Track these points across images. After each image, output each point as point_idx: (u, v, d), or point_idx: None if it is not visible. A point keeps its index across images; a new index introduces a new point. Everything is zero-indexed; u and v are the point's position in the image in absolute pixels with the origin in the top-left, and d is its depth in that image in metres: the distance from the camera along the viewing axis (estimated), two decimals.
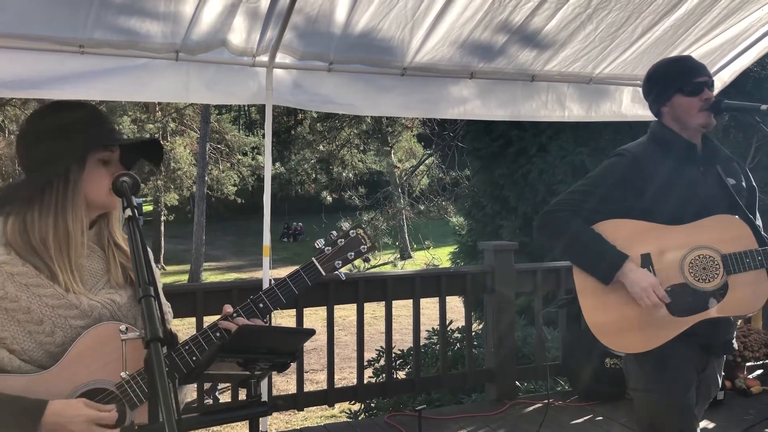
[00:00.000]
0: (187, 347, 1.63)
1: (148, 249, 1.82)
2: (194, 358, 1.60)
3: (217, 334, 1.65)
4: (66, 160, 1.56)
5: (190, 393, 1.89)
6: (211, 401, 9.58)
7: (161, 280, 1.87)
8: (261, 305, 1.72)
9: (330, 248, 1.78)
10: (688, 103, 2.34)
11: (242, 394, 1.69)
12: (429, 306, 4.85)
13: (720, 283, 2.25)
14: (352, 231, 1.80)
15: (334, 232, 1.81)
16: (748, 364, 4.55)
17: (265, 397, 3.56)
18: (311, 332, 1.60)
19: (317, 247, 1.80)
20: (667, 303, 2.24)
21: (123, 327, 1.38)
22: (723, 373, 2.50)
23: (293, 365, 1.62)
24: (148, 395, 1.47)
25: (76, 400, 1.49)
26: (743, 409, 4.13)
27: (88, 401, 1.49)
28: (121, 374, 1.43)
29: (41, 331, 1.52)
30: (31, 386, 1.49)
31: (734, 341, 2.44)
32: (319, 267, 1.76)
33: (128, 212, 1.41)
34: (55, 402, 1.45)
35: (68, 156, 1.56)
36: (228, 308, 1.71)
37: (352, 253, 1.79)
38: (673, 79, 2.38)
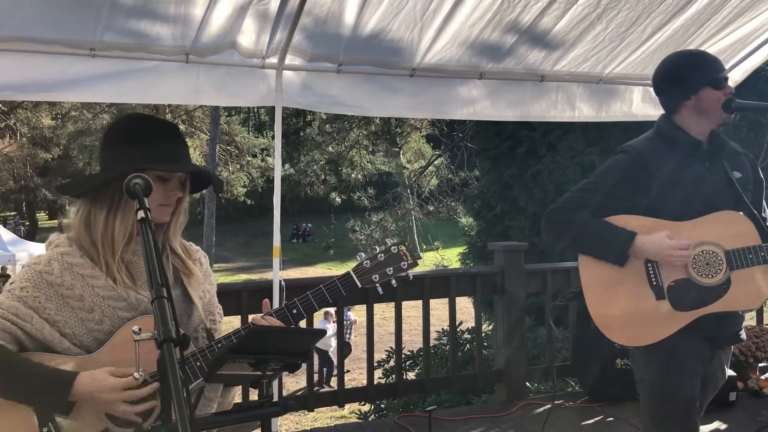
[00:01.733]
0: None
1: (204, 253, 1.93)
2: None
3: None
4: (126, 169, 1.62)
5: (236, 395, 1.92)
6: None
7: (215, 282, 1.95)
8: (295, 311, 1.76)
9: (369, 262, 1.79)
10: (714, 97, 2.31)
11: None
12: (438, 307, 4.84)
13: (723, 278, 2.26)
14: (393, 247, 1.81)
15: (377, 247, 1.82)
16: (760, 364, 4.51)
17: (276, 398, 3.57)
18: (322, 333, 1.61)
19: (358, 259, 1.81)
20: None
21: (136, 328, 1.39)
22: (734, 373, 2.49)
23: (302, 366, 1.63)
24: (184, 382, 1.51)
25: (100, 370, 1.57)
26: (756, 410, 4.09)
27: (113, 369, 1.57)
28: (134, 374, 1.44)
29: (91, 319, 1.64)
30: (75, 366, 1.59)
31: (742, 332, 2.43)
32: (355, 279, 1.78)
33: (140, 214, 1.42)
34: (83, 373, 1.56)
35: (128, 165, 1.63)
36: (267, 304, 1.79)
37: (392, 269, 1.79)
38: (701, 71, 2.33)
